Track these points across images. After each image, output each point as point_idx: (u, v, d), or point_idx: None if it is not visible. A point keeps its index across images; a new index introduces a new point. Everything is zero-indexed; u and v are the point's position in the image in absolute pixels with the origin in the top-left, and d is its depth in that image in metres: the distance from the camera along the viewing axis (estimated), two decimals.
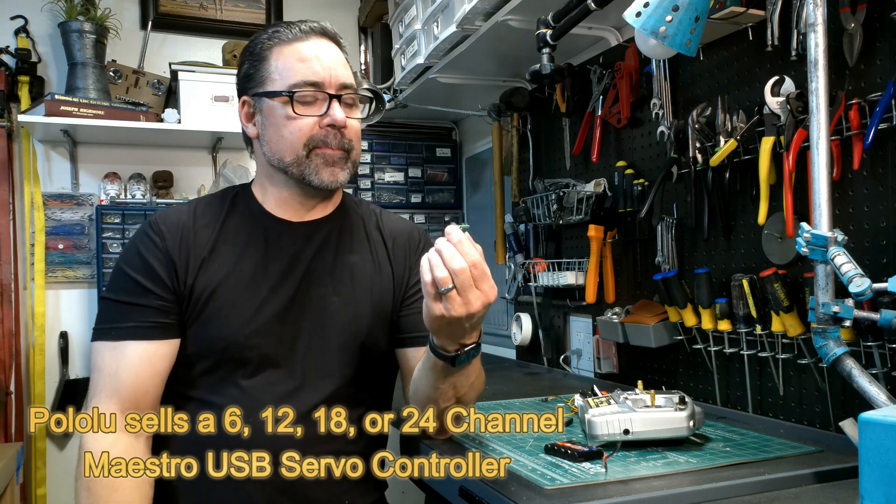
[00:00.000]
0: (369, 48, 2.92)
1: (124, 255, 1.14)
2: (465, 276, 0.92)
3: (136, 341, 1.07)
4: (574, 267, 1.98)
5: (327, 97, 1.11)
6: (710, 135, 1.47)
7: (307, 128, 1.11)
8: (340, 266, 1.18)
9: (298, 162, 1.12)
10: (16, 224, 2.46)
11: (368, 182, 2.86)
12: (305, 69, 1.11)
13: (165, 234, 1.12)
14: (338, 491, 1.13)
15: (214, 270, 1.12)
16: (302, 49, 1.13)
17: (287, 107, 1.10)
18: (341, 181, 1.15)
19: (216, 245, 1.14)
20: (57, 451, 2.50)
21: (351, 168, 1.16)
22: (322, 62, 1.12)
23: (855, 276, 1.04)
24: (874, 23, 1.17)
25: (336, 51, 1.16)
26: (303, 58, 1.12)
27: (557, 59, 1.64)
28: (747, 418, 1.34)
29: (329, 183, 1.13)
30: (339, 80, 1.13)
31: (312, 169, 1.12)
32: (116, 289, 1.11)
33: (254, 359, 1.10)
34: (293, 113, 1.10)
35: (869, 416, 0.77)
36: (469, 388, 1.11)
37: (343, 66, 1.15)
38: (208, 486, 1.08)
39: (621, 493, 0.90)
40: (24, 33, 2.50)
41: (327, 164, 1.13)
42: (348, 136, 1.14)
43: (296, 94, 1.10)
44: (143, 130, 2.43)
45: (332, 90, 1.12)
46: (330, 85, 1.12)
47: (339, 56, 1.16)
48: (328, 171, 1.13)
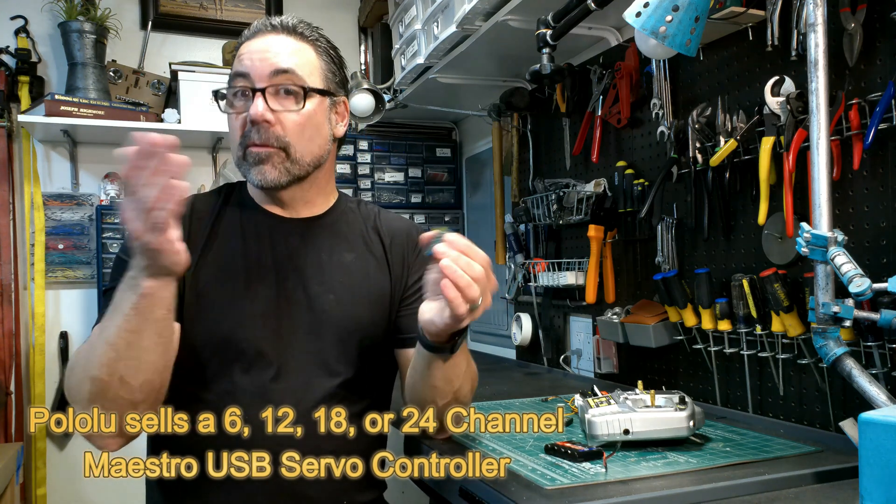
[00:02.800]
0: (369, 48, 2.92)
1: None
2: (483, 280, 0.93)
3: None
4: (574, 267, 1.98)
5: (252, 92, 1.08)
6: (710, 135, 1.47)
7: (237, 125, 1.10)
8: (337, 263, 1.17)
9: (239, 161, 1.12)
10: (16, 224, 2.46)
11: (368, 182, 2.86)
12: (238, 64, 1.10)
13: None
14: (337, 491, 1.12)
15: (208, 265, 1.11)
16: (245, 45, 1.11)
17: (225, 103, 1.10)
18: (271, 179, 1.09)
19: (210, 240, 1.13)
20: (57, 451, 2.50)
21: (292, 167, 1.10)
22: (254, 55, 1.08)
23: (855, 276, 1.04)
24: (874, 23, 1.17)
25: (285, 40, 1.10)
26: (240, 53, 1.11)
27: (557, 59, 1.64)
28: (747, 418, 1.34)
29: (258, 182, 1.10)
30: (272, 66, 1.07)
31: (247, 168, 1.11)
32: (115, 276, 1.08)
33: (249, 355, 1.09)
34: (226, 110, 1.10)
35: (869, 416, 0.77)
36: (463, 379, 1.10)
37: (285, 54, 1.09)
38: (208, 485, 1.08)
39: (621, 493, 0.90)
40: (24, 33, 2.50)
41: (255, 163, 1.09)
42: (278, 131, 1.08)
43: (222, 90, 1.09)
44: (143, 130, 2.42)
45: (261, 82, 1.07)
46: (259, 77, 1.07)
47: (285, 45, 1.10)
48: (256, 170, 1.09)
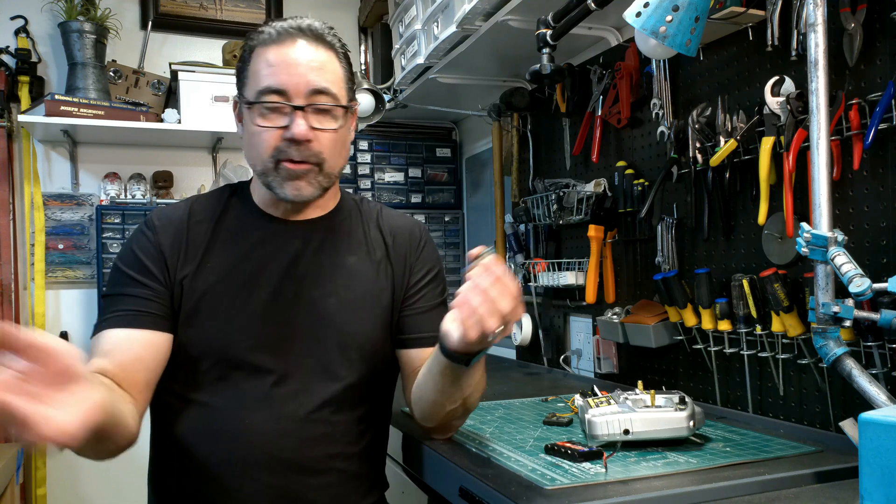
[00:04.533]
0: (369, 48, 2.92)
1: (120, 254, 1.13)
2: (508, 314, 0.93)
3: (119, 329, 1.05)
4: (574, 267, 1.98)
5: (291, 109, 1.06)
6: (710, 135, 1.47)
7: (272, 139, 1.07)
8: (338, 267, 1.17)
9: (266, 172, 1.10)
10: (16, 224, 2.46)
11: (368, 182, 2.87)
12: (271, 76, 1.06)
13: (158, 230, 1.12)
14: (338, 492, 1.12)
15: (209, 269, 1.11)
16: (273, 53, 1.07)
17: (255, 115, 1.08)
18: (307, 195, 1.10)
19: (211, 243, 1.13)
20: (57, 451, 2.49)
21: (324, 180, 1.11)
22: (290, 68, 1.06)
23: (855, 276, 1.04)
24: (874, 23, 1.17)
25: (316, 52, 1.09)
26: (270, 63, 1.07)
27: (557, 59, 1.64)
28: (747, 418, 1.34)
29: (293, 197, 1.10)
30: (311, 85, 1.07)
31: (278, 181, 1.09)
32: (110, 284, 1.11)
33: (251, 360, 1.09)
34: (258, 123, 1.07)
35: (869, 416, 0.77)
36: (474, 388, 1.10)
37: (319, 69, 1.08)
38: (209, 488, 1.08)
39: (621, 494, 0.90)
40: (24, 33, 2.50)
41: (290, 178, 1.09)
42: (316, 148, 1.08)
43: (258, 105, 1.07)
44: (143, 130, 2.43)
45: (300, 99, 1.06)
46: (297, 93, 1.06)
47: (317, 58, 1.09)
48: (291, 186, 1.09)
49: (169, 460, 1.12)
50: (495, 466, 1.05)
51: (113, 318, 1.06)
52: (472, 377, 1.07)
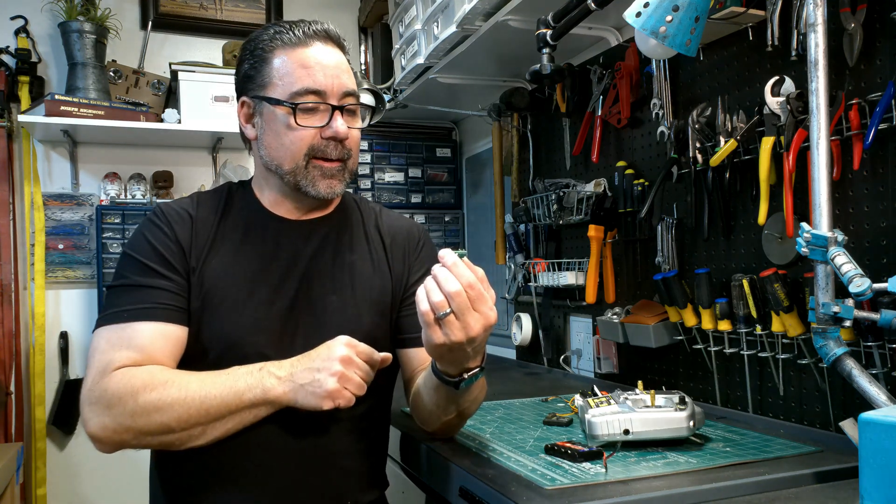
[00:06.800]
0: (369, 48, 2.92)
1: (132, 243, 1.12)
2: (462, 300, 0.91)
3: (150, 322, 1.04)
4: (574, 267, 1.98)
5: (329, 108, 1.10)
6: (710, 135, 1.47)
7: (308, 138, 1.10)
8: (339, 265, 1.17)
9: (296, 171, 1.11)
10: (16, 224, 2.46)
11: (368, 182, 2.87)
12: (308, 78, 1.09)
13: (173, 222, 1.12)
14: (339, 490, 1.13)
15: (213, 267, 1.11)
16: (305, 55, 1.10)
17: (289, 116, 1.09)
18: (338, 192, 1.15)
19: (215, 241, 1.13)
20: (57, 451, 2.50)
21: (348, 177, 1.16)
22: (325, 70, 1.10)
23: (855, 276, 1.04)
24: (874, 23, 1.17)
25: (339, 55, 1.14)
26: (305, 64, 1.10)
27: (557, 59, 1.64)
28: (747, 418, 1.34)
29: (326, 194, 1.13)
30: (343, 87, 1.11)
31: (310, 180, 1.12)
32: (126, 273, 1.09)
33: (253, 357, 1.09)
34: (295, 123, 1.09)
35: (869, 416, 0.77)
36: (471, 403, 1.12)
37: (346, 72, 1.13)
38: (212, 485, 1.08)
39: (621, 493, 0.90)
40: (24, 33, 2.50)
41: (325, 176, 1.12)
42: (348, 146, 1.13)
43: (299, 105, 1.09)
44: (143, 130, 2.43)
45: (335, 100, 1.11)
46: (333, 94, 1.10)
47: (342, 61, 1.13)
48: (325, 183, 1.12)
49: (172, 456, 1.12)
50: (495, 466, 1.05)
51: (141, 311, 1.04)
52: (469, 394, 1.08)
